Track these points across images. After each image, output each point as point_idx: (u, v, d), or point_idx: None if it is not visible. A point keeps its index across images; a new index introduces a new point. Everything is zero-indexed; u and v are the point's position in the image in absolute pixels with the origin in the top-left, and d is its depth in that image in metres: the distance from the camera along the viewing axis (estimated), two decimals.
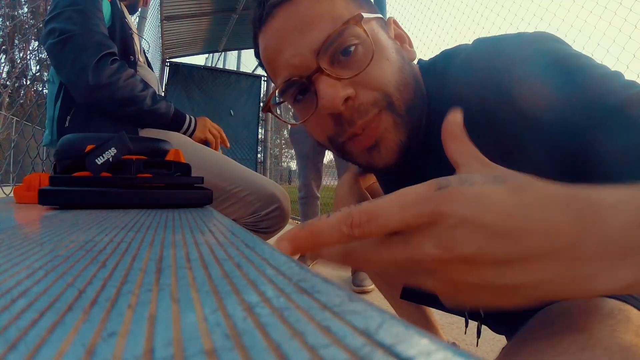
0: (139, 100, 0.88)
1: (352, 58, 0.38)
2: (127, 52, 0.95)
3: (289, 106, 0.49)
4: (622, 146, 0.29)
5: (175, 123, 0.97)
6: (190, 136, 1.00)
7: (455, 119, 0.26)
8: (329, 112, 0.39)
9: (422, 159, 0.45)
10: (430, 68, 0.46)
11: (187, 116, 1.01)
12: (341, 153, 0.44)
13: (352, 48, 0.38)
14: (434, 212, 0.19)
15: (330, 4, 0.39)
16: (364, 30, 0.38)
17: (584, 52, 0.36)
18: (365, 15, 0.38)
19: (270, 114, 0.47)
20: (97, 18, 0.88)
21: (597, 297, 0.29)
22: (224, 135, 1.08)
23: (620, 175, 0.27)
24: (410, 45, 0.46)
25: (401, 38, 0.45)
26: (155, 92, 0.93)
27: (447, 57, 0.45)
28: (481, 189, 0.20)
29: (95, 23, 0.86)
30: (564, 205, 0.19)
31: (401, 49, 0.44)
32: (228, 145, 1.08)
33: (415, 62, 0.47)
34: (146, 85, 0.91)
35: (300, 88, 0.41)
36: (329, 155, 2.21)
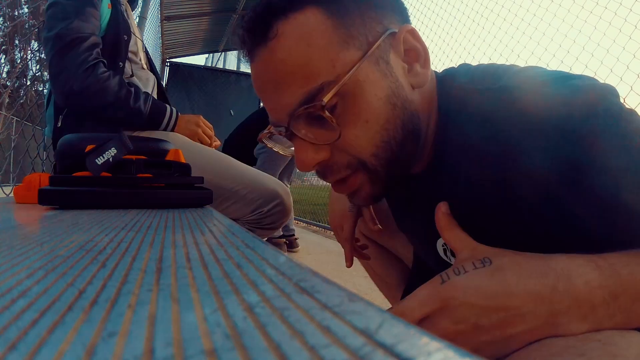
0: (112, 106, 0.86)
1: (326, 123, 0.36)
2: (117, 55, 0.94)
3: None
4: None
5: (152, 122, 0.94)
6: (171, 131, 0.98)
7: (444, 211, 0.36)
8: (303, 171, 0.40)
9: (434, 170, 0.43)
10: (457, 78, 0.41)
11: (167, 113, 0.96)
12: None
13: (325, 114, 0.35)
14: (442, 301, 0.29)
15: (306, 54, 0.35)
16: (334, 104, 0.35)
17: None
18: (351, 58, 0.35)
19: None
20: (90, 15, 0.86)
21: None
22: (212, 136, 1.07)
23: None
24: (425, 62, 0.39)
25: (415, 54, 0.39)
26: (129, 95, 0.89)
27: (490, 73, 0.39)
28: (471, 276, 0.29)
29: (85, 21, 0.85)
30: (541, 276, 0.28)
31: (405, 77, 0.39)
32: (218, 144, 1.06)
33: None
34: (120, 89, 0.87)
35: (285, 134, 0.41)
36: None
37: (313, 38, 0.35)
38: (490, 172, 0.37)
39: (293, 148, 0.41)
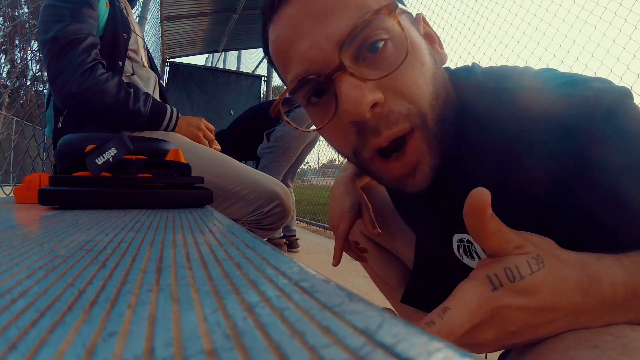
0: (111, 108, 0.86)
1: (381, 56, 0.33)
2: (117, 54, 0.93)
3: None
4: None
5: (152, 122, 0.94)
6: (172, 131, 0.98)
7: (482, 199, 0.27)
8: (352, 119, 0.33)
9: (451, 164, 0.40)
10: (468, 76, 0.40)
11: (168, 113, 0.96)
12: (367, 172, 0.39)
13: (382, 44, 0.32)
14: (494, 309, 0.26)
15: None
16: (398, 23, 0.32)
17: None
18: (397, 5, 0.32)
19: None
20: (86, 16, 0.86)
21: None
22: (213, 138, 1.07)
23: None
24: (441, 46, 0.40)
25: (431, 38, 0.39)
26: (128, 96, 0.89)
27: (500, 74, 0.39)
28: (526, 282, 0.26)
29: (81, 22, 0.84)
30: (576, 284, 0.27)
31: (433, 50, 0.38)
32: (218, 149, 1.06)
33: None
34: (119, 91, 0.87)
35: (316, 88, 0.35)
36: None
37: None
38: (507, 171, 0.36)
39: (313, 126, 0.37)
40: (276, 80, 5.08)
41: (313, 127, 0.40)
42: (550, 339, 0.29)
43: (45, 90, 1.32)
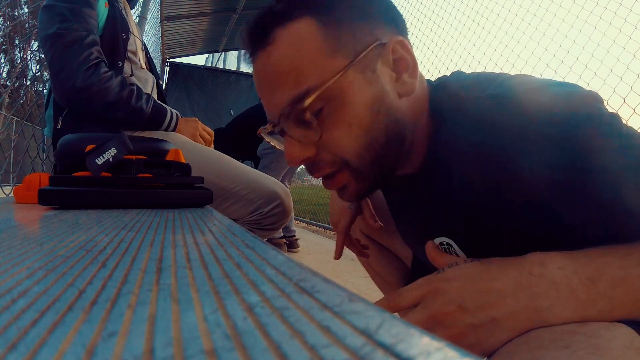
0: (113, 106, 0.86)
1: (312, 122, 0.39)
2: (116, 54, 0.93)
3: None
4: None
5: (153, 121, 0.94)
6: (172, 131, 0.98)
7: (433, 246, 0.40)
8: (292, 166, 0.42)
9: (429, 171, 0.45)
10: (449, 86, 0.43)
11: (168, 114, 0.96)
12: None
13: (311, 115, 0.38)
14: (435, 286, 0.33)
15: (296, 60, 0.38)
16: (326, 94, 0.37)
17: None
18: (338, 65, 0.37)
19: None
20: (86, 16, 0.86)
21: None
22: (211, 141, 1.07)
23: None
24: (414, 72, 0.41)
25: (403, 63, 0.41)
26: (131, 94, 0.89)
27: (480, 81, 0.41)
28: (462, 267, 0.33)
29: (82, 21, 0.84)
30: (518, 264, 0.31)
31: (392, 85, 0.40)
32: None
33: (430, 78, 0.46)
34: (121, 89, 0.87)
35: (278, 131, 0.44)
36: None
37: (304, 46, 0.38)
38: (482, 174, 0.39)
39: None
40: None
41: None
42: (521, 337, 0.29)
43: (45, 90, 1.32)
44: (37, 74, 1.72)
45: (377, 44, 0.39)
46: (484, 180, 0.39)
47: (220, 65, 5.97)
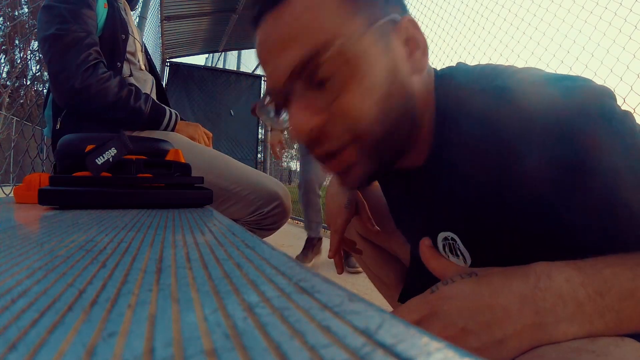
0: (112, 106, 0.86)
1: (326, 84, 0.36)
2: (115, 55, 0.93)
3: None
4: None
5: (153, 121, 0.94)
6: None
7: (427, 244, 0.38)
8: (297, 140, 0.39)
9: (432, 165, 0.43)
10: (456, 77, 0.42)
11: (167, 114, 0.96)
12: (319, 163, 0.44)
13: (326, 75, 0.36)
14: (431, 307, 0.31)
15: (317, 15, 0.36)
16: (344, 53, 0.36)
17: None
18: (356, 28, 0.36)
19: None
20: (85, 17, 0.86)
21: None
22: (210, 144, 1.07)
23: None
24: (424, 52, 0.40)
25: (414, 43, 0.40)
26: (129, 94, 0.89)
27: (487, 73, 0.40)
28: (459, 284, 0.31)
29: (81, 22, 0.84)
30: (523, 276, 0.29)
31: (405, 60, 0.39)
32: None
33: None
34: (120, 90, 0.87)
35: (279, 102, 0.41)
36: None
37: (321, 5, 0.36)
38: (486, 170, 0.37)
39: (286, 121, 0.41)
40: None
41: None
42: (526, 355, 0.28)
43: (45, 90, 1.32)
44: (37, 74, 1.72)
45: (391, 18, 0.38)
46: (488, 177, 0.37)
47: (220, 65, 5.97)
